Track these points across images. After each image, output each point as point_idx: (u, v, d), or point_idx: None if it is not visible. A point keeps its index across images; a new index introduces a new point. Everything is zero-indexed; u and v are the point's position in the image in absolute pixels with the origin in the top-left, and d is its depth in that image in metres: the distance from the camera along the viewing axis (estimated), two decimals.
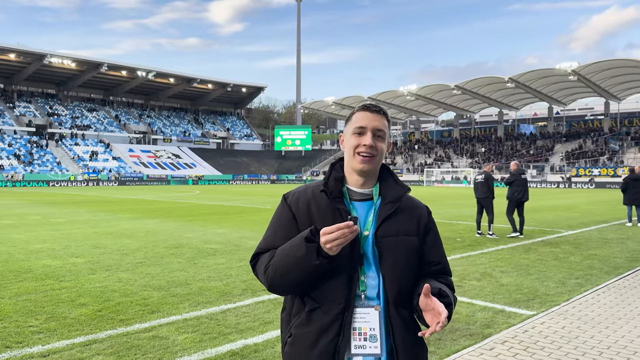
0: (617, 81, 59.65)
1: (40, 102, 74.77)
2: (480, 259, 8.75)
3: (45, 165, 60.09)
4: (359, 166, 1.74)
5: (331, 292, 1.68)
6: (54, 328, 4.81)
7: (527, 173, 59.12)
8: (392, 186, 1.81)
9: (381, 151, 1.76)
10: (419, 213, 1.83)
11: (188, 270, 7.64)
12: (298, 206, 1.77)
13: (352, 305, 1.67)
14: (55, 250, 9.43)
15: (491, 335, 4.75)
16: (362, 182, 1.78)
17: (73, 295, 6.07)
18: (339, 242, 1.55)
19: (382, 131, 1.76)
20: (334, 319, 1.66)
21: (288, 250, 1.65)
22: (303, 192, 1.81)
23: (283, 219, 1.79)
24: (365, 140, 1.73)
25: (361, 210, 1.76)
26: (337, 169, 1.82)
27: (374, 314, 1.67)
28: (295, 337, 1.72)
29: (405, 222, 1.77)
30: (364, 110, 1.78)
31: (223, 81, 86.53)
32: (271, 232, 1.80)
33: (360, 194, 1.78)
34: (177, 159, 73.88)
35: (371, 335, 1.65)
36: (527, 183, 12.38)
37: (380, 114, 1.78)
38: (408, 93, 68.82)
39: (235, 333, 4.73)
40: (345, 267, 1.67)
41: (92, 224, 14.14)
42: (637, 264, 8.32)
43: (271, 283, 1.70)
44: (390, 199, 1.77)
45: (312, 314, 1.70)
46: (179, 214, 17.69)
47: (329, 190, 1.75)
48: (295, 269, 1.63)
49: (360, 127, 1.75)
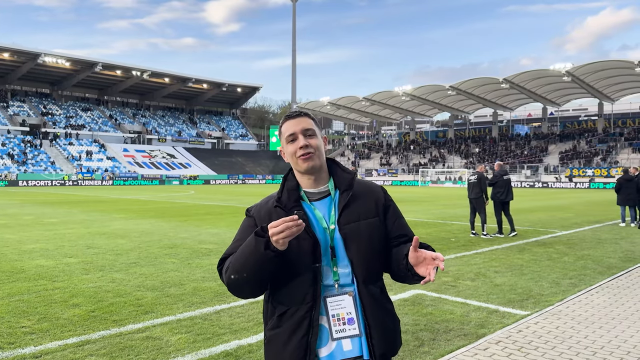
0: (611, 82, 59.96)
1: (34, 101, 74.39)
2: (474, 259, 8.77)
3: (39, 165, 59.80)
4: (304, 165, 1.82)
5: (297, 293, 1.77)
6: (47, 329, 4.78)
7: (522, 173, 59.39)
8: (341, 175, 1.91)
9: (317, 146, 1.85)
10: (375, 195, 1.92)
11: (182, 270, 7.62)
12: (260, 216, 1.87)
13: (319, 302, 1.76)
14: (48, 251, 9.38)
15: (485, 336, 4.75)
16: (315, 181, 1.87)
17: (66, 295, 6.04)
18: (285, 235, 1.61)
19: (311, 129, 1.86)
20: (303, 318, 1.75)
21: (242, 248, 1.74)
22: (264, 205, 1.90)
23: (246, 227, 1.89)
24: (299, 144, 1.83)
25: (322, 207, 1.86)
26: (289, 179, 1.91)
27: (348, 299, 1.78)
28: (270, 339, 1.82)
29: (363, 206, 1.86)
30: (287, 119, 1.90)
31: (218, 81, 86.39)
32: (236, 240, 1.89)
33: (318, 193, 1.88)
34: (171, 159, 73.69)
35: (349, 318, 1.77)
36: (510, 183, 12.49)
37: (302, 116, 1.89)
38: (403, 93, 68.91)
39: (229, 334, 4.71)
40: (308, 267, 1.75)
41: (85, 224, 14.07)
42: (630, 264, 8.36)
43: (228, 281, 1.77)
44: (344, 187, 1.88)
45: (282, 316, 1.79)
46: (173, 214, 17.64)
47: (283, 204, 1.84)
48: (247, 263, 1.69)
49: (291, 135, 1.86)
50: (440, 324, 5.07)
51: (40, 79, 75.44)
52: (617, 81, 59.58)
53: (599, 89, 61.86)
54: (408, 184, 63.07)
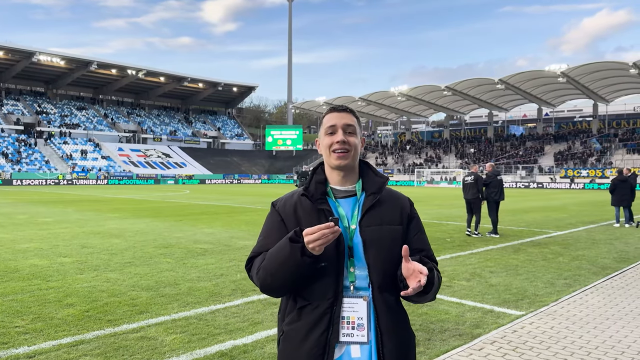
0: (606, 83, 60.24)
1: (28, 100, 74.04)
2: (469, 259, 8.78)
3: (34, 164, 59.52)
4: (336, 162, 1.82)
5: (320, 288, 1.75)
6: (41, 328, 4.75)
7: (517, 174, 59.56)
8: (372, 179, 1.90)
9: (354, 145, 1.83)
10: (401, 203, 1.91)
11: (177, 270, 7.59)
12: (285, 210, 1.86)
13: (341, 298, 1.74)
14: (42, 250, 9.33)
15: (480, 336, 4.76)
16: (343, 179, 1.86)
17: (60, 295, 6.01)
18: (321, 242, 1.61)
19: (352, 126, 1.85)
20: (324, 313, 1.73)
21: (275, 252, 1.72)
22: (289, 198, 1.90)
23: (273, 224, 1.88)
24: (337, 138, 1.82)
25: (346, 206, 1.84)
26: (318, 172, 1.90)
27: (362, 304, 1.75)
28: (287, 334, 1.79)
29: (388, 212, 1.85)
30: (331, 111, 1.89)
31: (214, 80, 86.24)
32: (263, 237, 1.88)
33: (344, 191, 1.86)
34: (167, 158, 73.50)
35: (359, 324, 1.73)
36: (503, 184, 12.67)
37: (347, 112, 1.88)
38: (399, 94, 69.00)
39: (224, 334, 4.70)
40: (332, 264, 1.74)
41: (80, 224, 14.01)
42: (624, 265, 8.39)
43: (262, 284, 1.77)
44: (372, 190, 1.86)
45: (302, 310, 1.77)
46: (168, 214, 17.59)
47: (310, 194, 1.83)
48: (282, 268, 1.69)
49: (331, 127, 1.85)
50: (435, 324, 5.07)
51: (35, 78, 75.11)
52: (611, 82, 59.86)
53: (593, 90, 62.13)
54: (404, 184, 63.14)
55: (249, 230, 12.80)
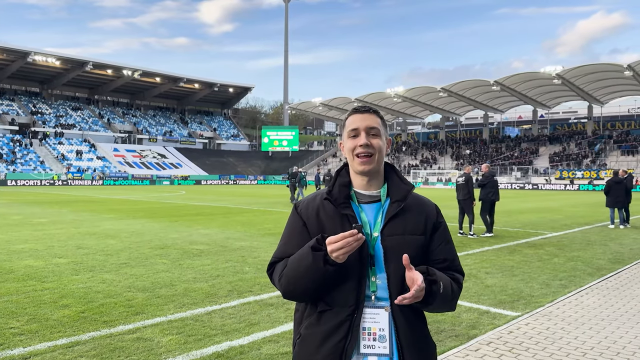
0: (600, 85, 60.48)
1: (23, 100, 73.74)
2: (465, 260, 8.80)
3: (29, 165, 59.27)
4: (360, 167, 1.77)
5: (341, 294, 1.71)
6: (36, 330, 4.73)
7: (512, 175, 59.73)
8: (398, 185, 1.83)
9: (379, 148, 1.78)
10: (427, 211, 1.84)
11: (173, 271, 7.58)
12: (308, 214, 1.81)
13: (362, 306, 1.70)
14: (37, 251, 9.30)
15: (476, 337, 4.77)
16: (368, 183, 1.81)
17: (56, 296, 5.99)
18: (345, 251, 1.59)
19: (376, 128, 1.79)
20: (343, 320, 1.70)
21: (298, 259, 1.70)
22: (312, 200, 1.85)
23: (295, 228, 1.84)
24: (360, 141, 1.77)
25: (370, 212, 1.79)
26: (342, 175, 1.85)
27: (384, 314, 1.70)
28: (304, 338, 1.76)
29: (412, 220, 1.78)
30: (354, 113, 1.83)
31: (210, 81, 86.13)
32: (284, 242, 1.85)
33: (368, 196, 1.81)
34: (162, 159, 73.33)
35: (380, 335, 1.69)
36: (498, 184, 12.82)
37: (370, 113, 1.82)
38: (395, 95, 69.08)
39: (220, 335, 4.69)
40: (355, 271, 1.70)
41: (75, 224, 13.96)
42: (619, 266, 8.43)
43: (285, 290, 1.75)
44: (397, 197, 1.80)
45: (322, 315, 1.74)
46: (164, 215, 17.55)
47: (333, 198, 1.78)
48: (305, 276, 1.67)
49: (354, 129, 1.80)
50: (431, 325, 5.08)
51: (30, 78, 74.81)
52: (606, 84, 60.10)
53: (588, 92, 62.37)
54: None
55: (245, 231, 12.79)
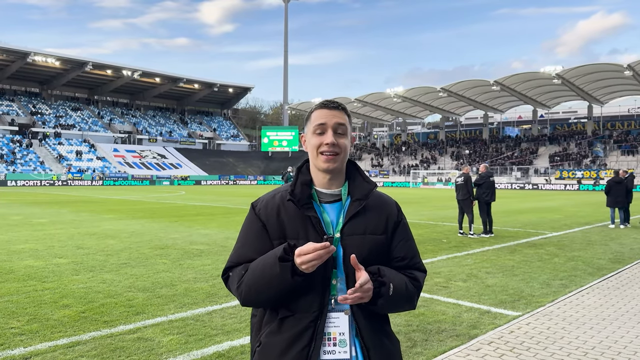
0: (600, 85, 60.52)
1: (23, 100, 73.73)
2: (466, 260, 8.80)
3: (28, 165, 59.26)
4: (324, 165, 1.69)
5: (305, 301, 1.64)
6: (36, 330, 4.73)
7: (512, 175, 59.75)
8: (360, 184, 1.77)
9: (344, 147, 1.71)
10: (388, 210, 1.78)
11: (173, 271, 7.57)
12: (267, 214, 1.72)
13: (326, 312, 1.64)
14: (37, 251, 9.29)
15: (477, 336, 4.77)
16: (330, 182, 1.73)
17: (56, 296, 5.98)
18: (315, 264, 1.52)
19: (344, 126, 1.71)
20: (307, 327, 1.63)
21: (261, 268, 1.61)
22: (271, 199, 1.75)
23: (252, 229, 1.74)
24: (326, 139, 1.68)
25: (332, 212, 1.72)
26: (303, 172, 1.77)
27: (344, 318, 1.64)
28: (265, 346, 1.67)
29: (373, 220, 1.73)
30: (322, 107, 1.73)
31: (209, 81, 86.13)
32: (241, 244, 1.74)
33: (330, 195, 1.74)
34: (162, 159, 73.33)
35: (340, 340, 1.63)
36: (495, 185, 12.86)
37: (339, 110, 1.73)
38: (395, 95, 69.09)
39: (221, 334, 4.69)
40: (319, 276, 1.62)
41: (75, 225, 13.96)
42: (620, 265, 8.43)
43: (245, 299, 1.66)
44: (358, 196, 1.73)
45: (283, 322, 1.66)
46: (164, 215, 17.54)
47: (296, 198, 1.69)
48: (269, 286, 1.59)
49: (320, 125, 1.70)
50: (432, 324, 5.08)
51: (30, 78, 74.82)
52: (606, 84, 60.14)
53: (588, 92, 62.40)
54: (399, 185, 63.23)
55: None
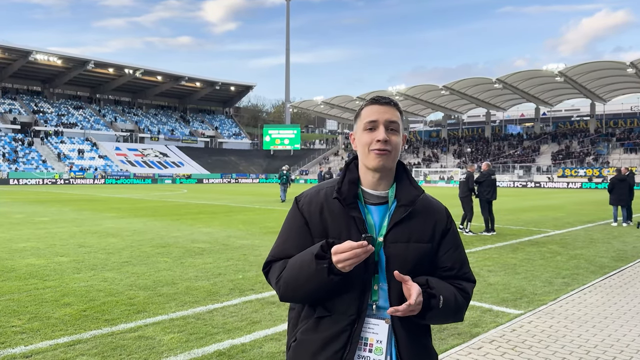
0: (603, 83, 60.33)
1: (25, 99, 73.84)
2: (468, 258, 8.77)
3: (31, 164, 59.35)
4: (374, 162, 1.64)
5: (343, 302, 1.61)
6: (37, 328, 4.72)
7: (514, 173, 59.64)
8: (407, 188, 1.70)
9: (396, 145, 1.65)
10: (435, 217, 1.71)
11: (175, 269, 7.57)
12: (310, 211, 1.68)
13: (363, 317, 1.61)
14: (39, 249, 9.30)
15: (479, 335, 4.75)
16: (378, 181, 1.68)
17: (57, 294, 5.98)
18: (352, 262, 1.49)
19: (395, 123, 1.66)
20: (343, 330, 1.60)
21: (299, 265, 1.58)
22: (315, 195, 1.71)
23: (295, 226, 1.71)
24: (378, 135, 1.62)
25: (377, 215, 1.67)
26: (351, 170, 1.72)
27: (384, 326, 1.60)
28: (300, 343, 1.65)
29: (418, 227, 1.67)
30: (373, 103, 1.67)
31: (211, 79, 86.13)
32: (283, 240, 1.72)
33: (376, 197, 1.69)
34: (164, 158, 73.38)
35: (377, 347, 1.59)
36: (496, 183, 12.89)
37: (391, 106, 1.67)
38: (397, 93, 68.99)
39: (222, 333, 4.68)
40: (359, 279, 1.59)
41: (77, 223, 13.97)
42: (622, 264, 8.40)
43: (283, 295, 1.64)
44: (404, 202, 1.67)
45: (320, 321, 1.64)
46: (165, 213, 17.55)
47: (342, 196, 1.64)
48: (306, 284, 1.57)
49: (372, 122, 1.65)
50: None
51: (32, 77, 74.92)
52: (609, 82, 59.94)
53: (591, 90, 62.23)
54: None
55: (247, 229, 12.78)
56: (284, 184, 25.57)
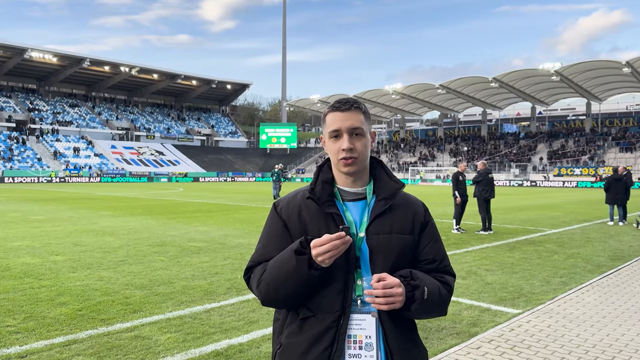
0: (599, 82, 60.49)
1: (20, 97, 73.45)
2: (465, 258, 8.77)
3: (26, 162, 59.05)
4: (344, 169, 1.66)
5: (326, 300, 1.60)
6: (33, 328, 4.68)
7: (510, 172, 59.76)
8: (386, 182, 1.72)
9: (362, 150, 1.65)
10: (414, 210, 1.74)
11: (171, 268, 7.52)
12: (288, 213, 1.69)
13: (348, 312, 1.59)
14: (34, 248, 9.23)
15: (478, 334, 4.73)
16: (353, 181, 1.70)
17: (53, 294, 5.93)
18: (331, 254, 1.48)
19: (359, 128, 1.64)
20: (328, 328, 1.58)
21: (279, 264, 1.58)
22: (293, 198, 1.73)
23: (274, 229, 1.71)
24: (342, 145, 1.62)
25: (355, 210, 1.68)
26: (324, 171, 1.73)
27: (371, 320, 1.59)
28: (286, 347, 1.63)
29: (399, 219, 1.69)
30: (334, 110, 1.66)
31: (207, 78, 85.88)
32: (263, 244, 1.72)
33: (354, 194, 1.70)
34: (160, 156, 73.15)
35: (367, 343, 1.57)
36: (494, 182, 12.92)
37: (352, 110, 1.65)
38: (393, 92, 69.03)
39: (219, 333, 4.65)
40: (341, 274, 1.59)
41: (72, 222, 13.89)
42: (619, 263, 8.40)
43: (265, 298, 1.63)
44: (384, 195, 1.69)
45: (304, 322, 1.62)
46: (161, 212, 17.48)
47: (316, 196, 1.66)
48: (287, 282, 1.56)
49: (335, 131, 1.65)
50: (432, 322, 5.04)
51: (27, 75, 74.51)
52: (604, 81, 60.11)
53: (587, 89, 62.39)
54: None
55: (244, 228, 12.74)
56: (276, 181, 26.20)
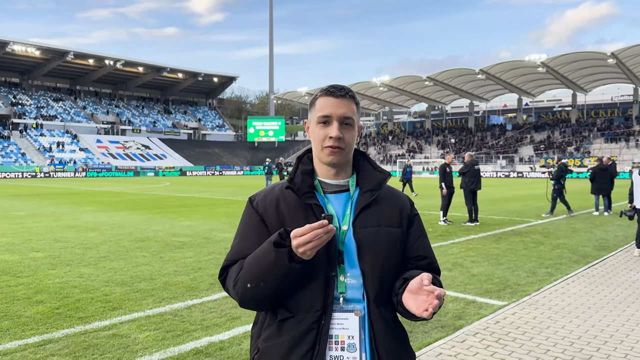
0: (584, 73, 60.91)
1: (3, 91, 72.22)
2: (451, 249, 8.74)
3: (9, 157, 58.20)
4: (328, 159, 1.55)
5: (306, 299, 1.48)
6: (7, 328, 4.54)
7: (497, 164, 60.09)
8: (370, 173, 1.63)
9: (350, 141, 1.56)
10: (401, 202, 1.65)
11: (154, 264, 7.39)
12: (265, 207, 1.57)
13: (330, 312, 1.48)
14: (14, 245, 9.04)
15: (463, 327, 4.68)
16: (336, 174, 1.60)
17: (30, 292, 5.78)
18: (313, 245, 1.36)
19: (350, 118, 1.55)
20: (309, 329, 1.47)
21: (257, 259, 1.45)
22: (270, 191, 1.62)
23: (250, 225, 1.59)
24: (331, 132, 1.53)
25: (337, 202, 1.57)
26: (304, 162, 1.63)
27: (354, 319, 1.48)
28: (264, 352, 1.51)
29: (386, 211, 1.59)
30: (328, 94, 1.56)
31: (194, 70, 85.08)
32: (239, 241, 1.59)
33: (335, 186, 1.59)
34: (146, 150, 72.50)
35: (350, 344, 1.46)
36: (480, 173, 12.92)
37: (346, 98, 1.56)
38: (381, 84, 68.93)
39: (200, 330, 4.54)
40: (321, 270, 1.47)
41: (55, 217, 13.66)
42: (604, 253, 8.42)
43: (242, 297, 1.49)
44: (369, 186, 1.59)
45: (283, 324, 1.50)
46: (146, 206, 17.28)
47: (296, 187, 1.55)
48: (266, 278, 1.43)
49: (325, 116, 1.54)
50: None
51: (9, 68, 73.21)
52: (590, 72, 60.54)
53: (572, 80, 62.80)
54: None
55: (230, 222, 12.60)
56: (268, 174, 26.50)
